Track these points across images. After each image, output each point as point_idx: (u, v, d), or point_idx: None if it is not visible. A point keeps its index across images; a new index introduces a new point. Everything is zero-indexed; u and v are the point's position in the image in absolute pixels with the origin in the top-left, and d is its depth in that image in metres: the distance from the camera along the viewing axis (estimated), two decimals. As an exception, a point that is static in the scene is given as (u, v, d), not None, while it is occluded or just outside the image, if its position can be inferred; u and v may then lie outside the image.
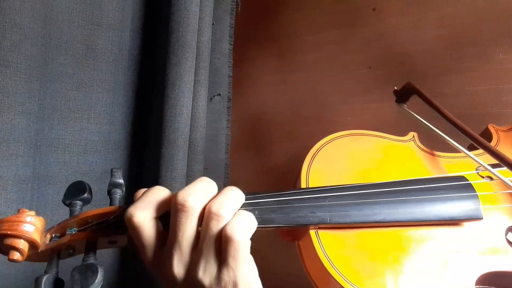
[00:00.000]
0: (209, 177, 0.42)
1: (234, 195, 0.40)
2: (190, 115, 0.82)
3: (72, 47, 0.76)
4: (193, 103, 0.84)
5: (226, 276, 0.37)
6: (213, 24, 0.97)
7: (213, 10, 0.92)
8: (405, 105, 0.57)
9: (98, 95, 0.80)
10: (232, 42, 1.03)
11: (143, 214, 0.39)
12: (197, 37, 0.82)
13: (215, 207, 0.38)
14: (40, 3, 0.67)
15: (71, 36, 0.75)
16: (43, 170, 0.73)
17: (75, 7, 0.75)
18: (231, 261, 0.37)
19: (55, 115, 0.75)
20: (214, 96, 1.01)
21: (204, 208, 0.39)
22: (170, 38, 0.79)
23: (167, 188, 0.42)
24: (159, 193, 0.40)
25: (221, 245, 0.38)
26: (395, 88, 0.58)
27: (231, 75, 1.04)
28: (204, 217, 0.38)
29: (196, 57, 0.83)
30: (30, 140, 0.68)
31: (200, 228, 0.39)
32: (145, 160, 0.86)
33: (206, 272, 0.38)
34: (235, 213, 0.39)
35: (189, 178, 0.85)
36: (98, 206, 0.43)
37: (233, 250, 0.37)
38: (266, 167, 1.08)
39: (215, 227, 0.38)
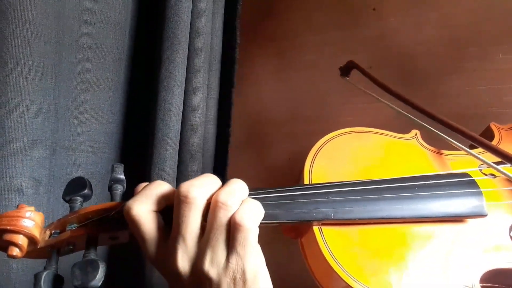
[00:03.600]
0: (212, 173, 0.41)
1: (240, 186, 0.41)
2: (180, 113, 0.80)
3: (82, 45, 0.75)
4: (188, 101, 0.82)
5: (235, 264, 0.37)
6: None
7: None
8: (348, 78, 0.69)
9: (105, 94, 0.79)
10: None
11: (142, 207, 0.38)
12: (191, 32, 0.81)
13: (222, 196, 0.38)
14: (53, -1, 0.65)
15: (81, 34, 0.74)
16: (57, 172, 0.72)
17: (85, 4, 0.74)
18: (239, 249, 0.37)
19: (67, 115, 0.74)
20: (221, 97, 1.02)
21: (207, 201, 0.39)
22: (160, 35, 0.79)
23: None
24: (160, 187, 0.40)
25: (229, 234, 0.38)
26: (340, 66, 0.69)
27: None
28: (211, 208, 0.38)
29: (189, 53, 0.81)
30: (45, 140, 0.65)
31: (204, 221, 0.39)
32: (136, 159, 0.84)
33: (213, 263, 0.37)
34: (243, 201, 0.39)
35: (186, 178, 0.82)
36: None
37: (242, 237, 0.37)
38: (266, 167, 1.08)
39: (223, 216, 0.38)
